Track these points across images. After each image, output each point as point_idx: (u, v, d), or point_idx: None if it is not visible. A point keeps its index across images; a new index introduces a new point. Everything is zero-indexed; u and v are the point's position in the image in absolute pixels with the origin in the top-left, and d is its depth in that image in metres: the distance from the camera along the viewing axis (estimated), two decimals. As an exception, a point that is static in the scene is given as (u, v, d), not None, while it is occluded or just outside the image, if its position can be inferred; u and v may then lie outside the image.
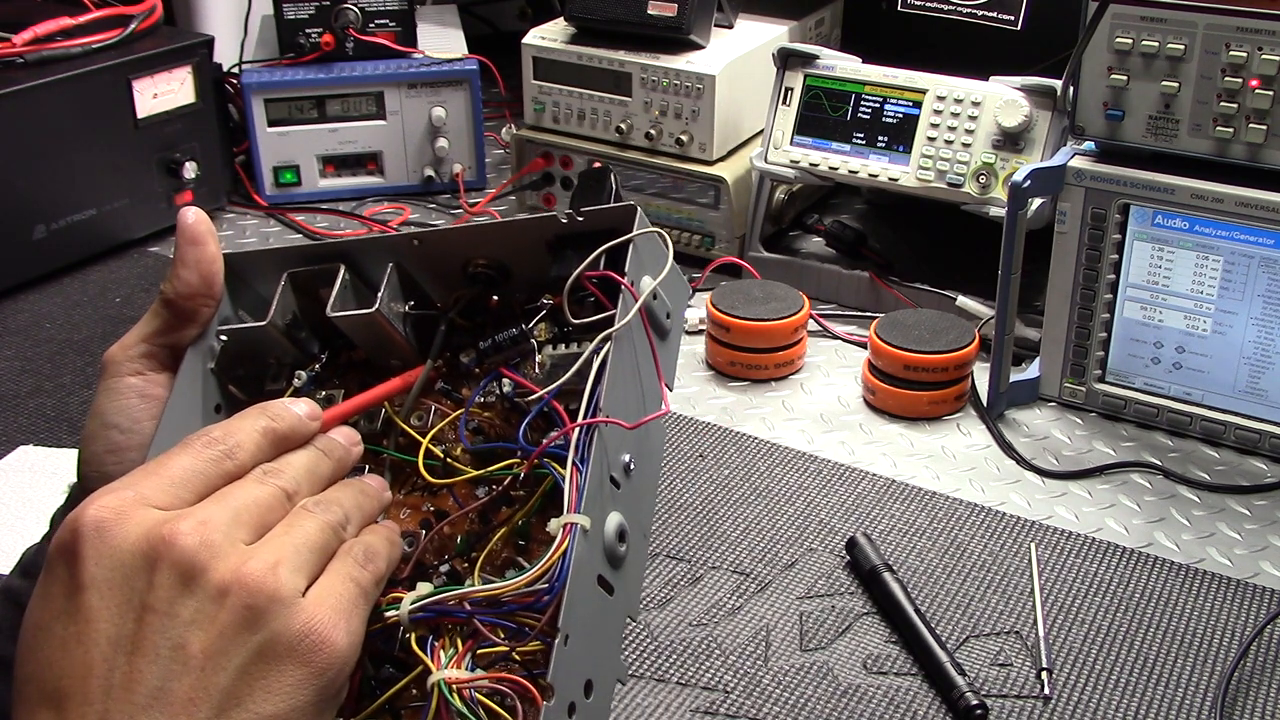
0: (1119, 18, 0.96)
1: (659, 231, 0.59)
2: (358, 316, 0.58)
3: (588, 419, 0.52)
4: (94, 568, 0.44)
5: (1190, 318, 1.00)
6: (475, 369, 0.59)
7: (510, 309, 0.61)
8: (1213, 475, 0.99)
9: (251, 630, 0.44)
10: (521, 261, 0.59)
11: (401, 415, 0.59)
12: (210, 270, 0.58)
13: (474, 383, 0.60)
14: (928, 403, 1.06)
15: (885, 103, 1.18)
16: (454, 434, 0.59)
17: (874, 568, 0.86)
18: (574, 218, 0.57)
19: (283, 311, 0.59)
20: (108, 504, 0.46)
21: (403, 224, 1.42)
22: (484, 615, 0.50)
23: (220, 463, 0.49)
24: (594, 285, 0.56)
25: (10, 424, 1.06)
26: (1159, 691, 0.78)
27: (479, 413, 0.58)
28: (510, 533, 0.55)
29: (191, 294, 0.58)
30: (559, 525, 0.49)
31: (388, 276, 0.59)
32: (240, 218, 1.46)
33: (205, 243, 0.58)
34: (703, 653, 0.81)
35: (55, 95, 1.25)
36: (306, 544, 0.48)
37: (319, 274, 0.60)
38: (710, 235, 1.30)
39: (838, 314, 1.23)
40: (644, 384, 0.57)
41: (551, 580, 0.48)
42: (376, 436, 0.59)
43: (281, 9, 1.44)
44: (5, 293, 1.27)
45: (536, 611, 0.49)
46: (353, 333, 0.60)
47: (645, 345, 0.57)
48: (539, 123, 1.36)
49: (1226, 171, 0.96)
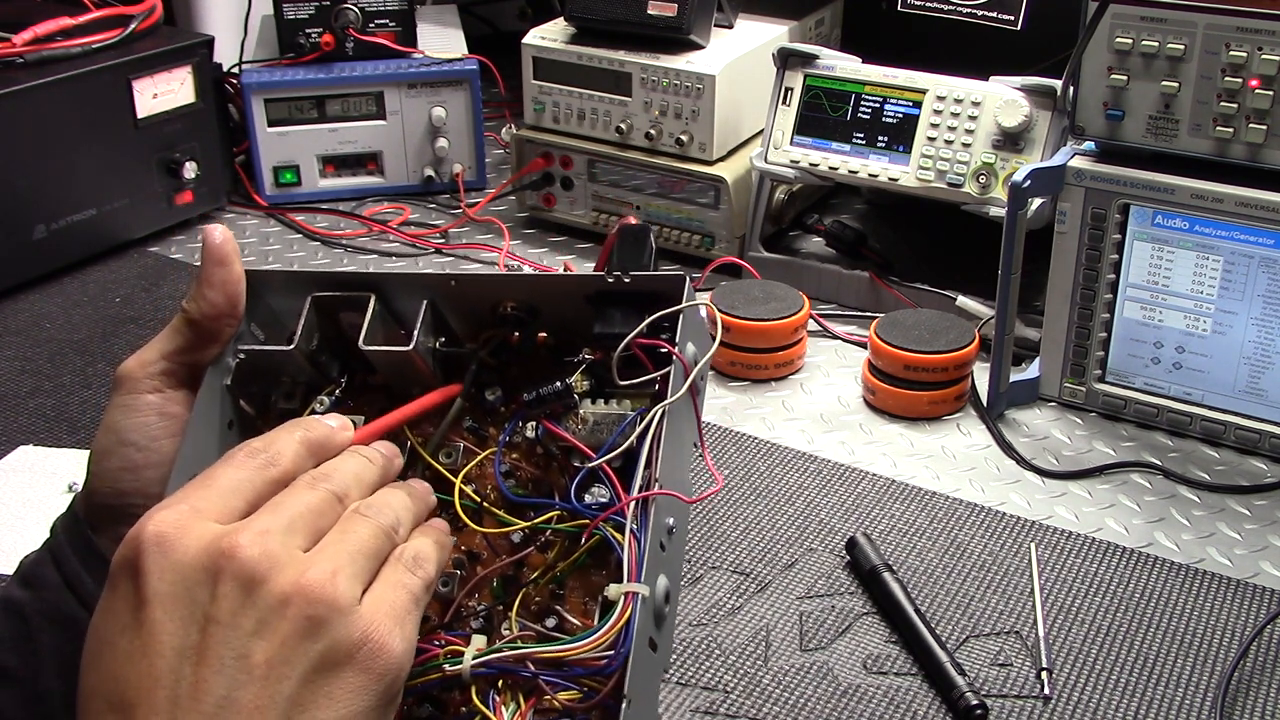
0: (1119, 18, 0.96)
1: (708, 304, 0.60)
2: (392, 353, 0.58)
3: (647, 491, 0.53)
4: (157, 582, 0.45)
5: (1190, 318, 1.00)
6: (501, 408, 0.60)
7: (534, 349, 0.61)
8: (1213, 475, 0.99)
9: (313, 639, 0.45)
10: (553, 305, 0.59)
11: (428, 449, 0.59)
12: (235, 291, 0.58)
13: (497, 420, 0.60)
14: (928, 403, 1.06)
15: (885, 103, 1.18)
16: (479, 472, 0.59)
17: (874, 568, 0.86)
18: (621, 279, 0.57)
19: (308, 336, 0.59)
20: (166, 519, 0.46)
21: (403, 224, 1.42)
22: (547, 675, 0.51)
23: (265, 470, 0.50)
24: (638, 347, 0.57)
25: (10, 424, 1.06)
26: (1159, 691, 0.78)
27: (507, 454, 0.59)
28: (547, 580, 0.56)
29: (217, 314, 0.58)
30: (620, 592, 0.50)
31: (422, 314, 0.59)
32: (240, 218, 1.46)
33: (231, 263, 0.58)
34: (703, 653, 0.81)
35: (55, 95, 1.25)
36: (361, 550, 0.48)
37: (343, 300, 0.60)
38: (710, 235, 1.30)
39: (838, 314, 1.23)
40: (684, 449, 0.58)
41: (616, 647, 0.50)
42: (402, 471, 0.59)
43: (281, 9, 1.44)
44: (5, 293, 1.27)
45: (600, 675, 0.50)
46: (381, 365, 0.60)
47: (691, 416, 0.58)
48: (539, 123, 1.36)
49: (1226, 171, 0.96)
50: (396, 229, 1.41)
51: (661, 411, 0.54)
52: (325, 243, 1.40)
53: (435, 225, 1.43)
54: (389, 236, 1.40)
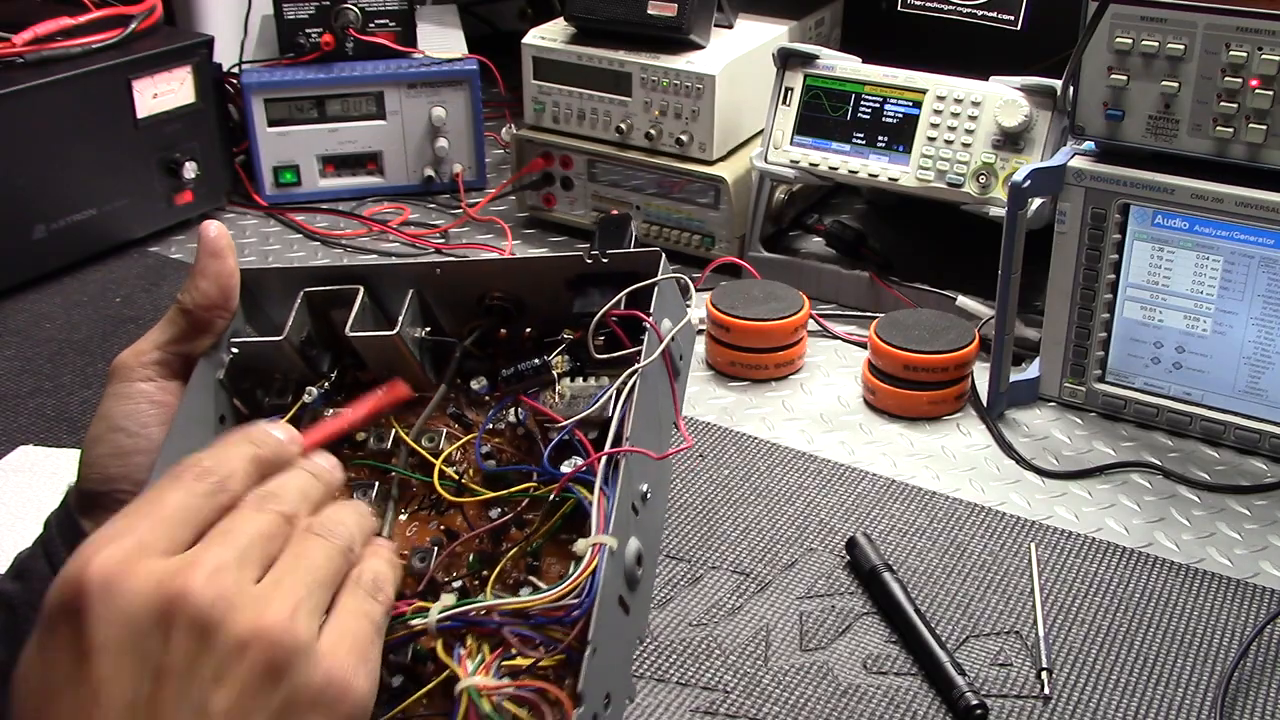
0: (1119, 18, 0.96)
1: (682, 277, 0.61)
2: (377, 339, 0.60)
3: (617, 448, 0.54)
4: (104, 630, 0.42)
5: (1190, 318, 1.00)
6: (486, 397, 0.61)
7: (520, 341, 0.62)
8: (1213, 475, 0.98)
9: (275, 685, 0.43)
10: (537, 296, 0.61)
11: (412, 436, 0.60)
12: (229, 284, 0.59)
13: (482, 409, 0.61)
14: (928, 403, 1.06)
15: (885, 103, 1.18)
16: (462, 456, 0.60)
17: (874, 568, 0.86)
18: (599, 259, 0.59)
19: (297, 328, 0.61)
20: (111, 557, 0.44)
21: (403, 224, 1.42)
22: (512, 627, 0.51)
23: (215, 496, 0.48)
24: (615, 323, 0.58)
25: (10, 424, 1.06)
26: (1159, 691, 0.78)
27: (489, 438, 0.60)
28: (522, 553, 0.56)
29: (209, 305, 0.59)
30: (588, 545, 0.51)
31: (408, 302, 0.60)
32: (240, 218, 1.46)
33: (225, 256, 0.59)
34: (703, 653, 0.81)
35: (55, 95, 1.25)
36: (317, 579, 0.47)
37: (334, 295, 0.61)
38: (710, 235, 1.30)
39: (838, 314, 1.23)
40: (661, 419, 0.59)
41: (581, 596, 0.50)
42: (385, 455, 0.61)
43: (281, 9, 1.44)
44: (5, 293, 1.27)
45: (564, 626, 0.50)
46: (368, 354, 0.61)
47: (665, 383, 0.59)
48: (539, 123, 1.36)
49: (1226, 171, 0.96)
50: (396, 229, 1.41)
51: (633, 376, 0.55)
52: (325, 243, 1.40)
53: (435, 225, 1.43)
54: (389, 236, 1.40)
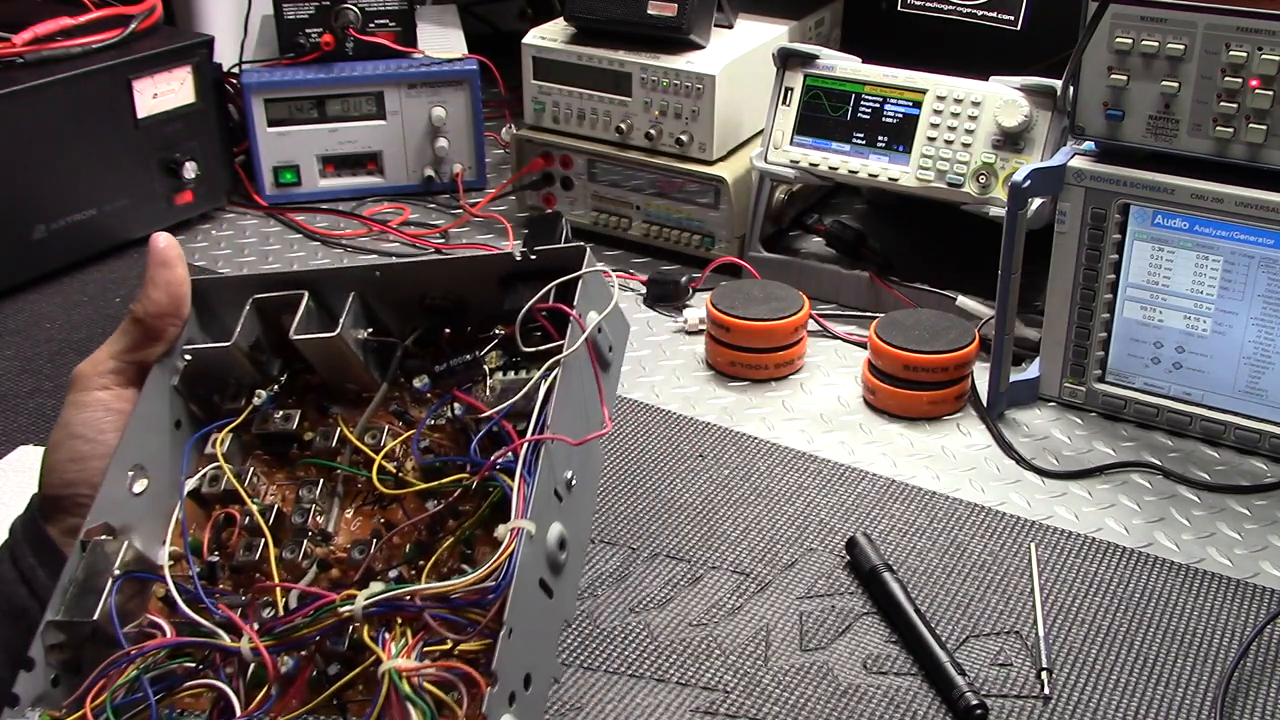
0: (1119, 18, 0.96)
1: (605, 270, 0.63)
2: (319, 340, 0.62)
3: (536, 435, 0.56)
4: None
5: (1190, 318, 1.00)
6: (427, 394, 0.63)
7: (461, 341, 0.64)
8: (1213, 475, 0.99)
9: None
10: (476, 296, 0.63)
11: (355, 433, 0.62)
12: (179, 292, 0.61)
13: (425, 407, 0.63)
14: (928, 403, 1.06)
15: (885, 103, 1.18)
16: (404, 451, 0.62)
17: (874, 568, 0.86)
18: (528, 255, 0.61)
19: (247, 334, 0.63)
20: None
21: (403, 224, 1.42)
22: (434, 611, 0.53)
23: None
24: (544, 318, 0.60)
25: (10, 424, 1.06)
26: (1159, 691, 0.78)
27: (430, 434, 0.62)
28: (457, 542, 0.58)
29: (160, 313, 0.61)
30: (506, 529, 0.53)
31: (349, 304, 0.62)
32: (240, 218, 1.46)
33: (174, 266, 0.61)
34: (703, 653, 0.81)
35: (55, 95, 1.25)
36: None
37: (283, 300, 0.63)
38: (710, 235, 1.30)
39: (838, 314, 1.23)
40: (588, 409, 0.61)
41: (498, 580, 0.52)
42: (330, 453, 0.62)
43: (281, 9, 1.44)
44: (5, 293, 1.27)
45: (483, 609, 0.52)
46: (313, 356, 0.63)
47: (590, 374, 0.61)
48: (539, 123, 1.36)
49: (1226, 171, 0.96)
50: (396, 229, 1.41)
51: (554, 366, 0.57)
52: (325, 243, 1.40)
53: (435, 225, 1.43)
54: (389, 236, 1.41)
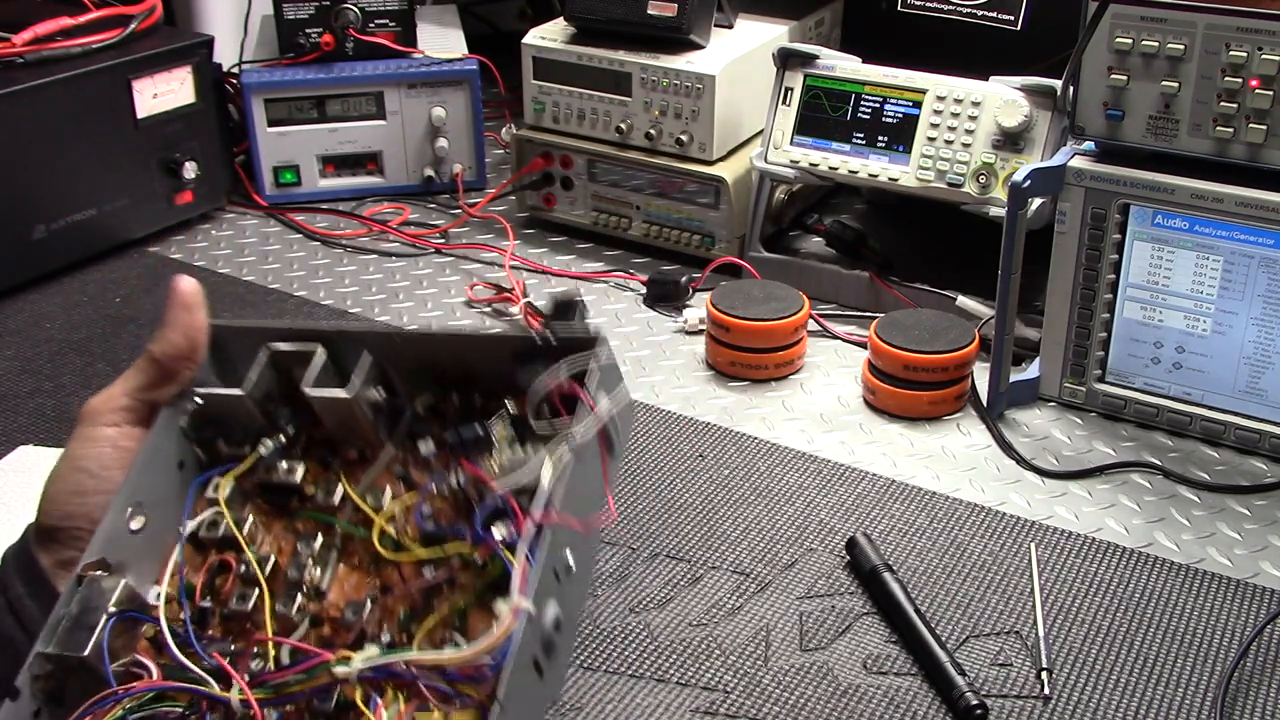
0: (1119, 18, 0.96)
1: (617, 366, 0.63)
2: (332, 398, 0.62)
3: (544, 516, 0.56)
4: None
5: (1190, 318, 1.00)
6: (431, 460, 0.63)
7: (469, 408, 0.64)
8: (1213, 475, 0.98)
9: None
10: (488, 367, 0.63)
11: (358, 491, 0.62)
12: (197, 337, 0.62)
13: (427, 472, 0.63)
14: (928, 403, 1.06)
15: (885, 103, 1.18)
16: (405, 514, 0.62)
17: (874, 568, 0.86)
18: (548, 340, 0.61)
19: (259, 383, 0.63)
20: None
21: (403, 224, 1.42)
22: (429, 681, 0.53)
23: None
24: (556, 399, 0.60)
25: (10, 424, 1.06)
26: (1159, 691, 0.78)
27: (431, 499, 0.62)
28: (450, 611, 0.58)
29: (177, 355, 0.62)
30: (507, 607, 0.53)
31: (362, 365, 0.62)
32: (240, 218, 1.46)
33: (195, 311, 0.62)
34: (703, 653, 0.81)
35: (55, 95, 1.25)
36: None
37: (297, 353, 0.63)
38: (710, 235, 1.30)
39: (838, 314, 1.23)
40: (592, 491, 0.61)
41: (495, 657, 0.52)
42: (331, 510, 0.62)
43: (281, 9, 1.44)
44: (5, 293, 1.27)
45: (476, 684, 0.53)
46: (323, 411, 0.63)
47: (597, 459, 0.61)
48: (539, 123, 1.36)
49: (1226, 171, 0.96)
50: (396, 229, 1.41)
51: (564, 449, 0.57)
52: (325, 243, 1.40)
53: (435, 225, 1.43)
54: (389, 236, 1.40)
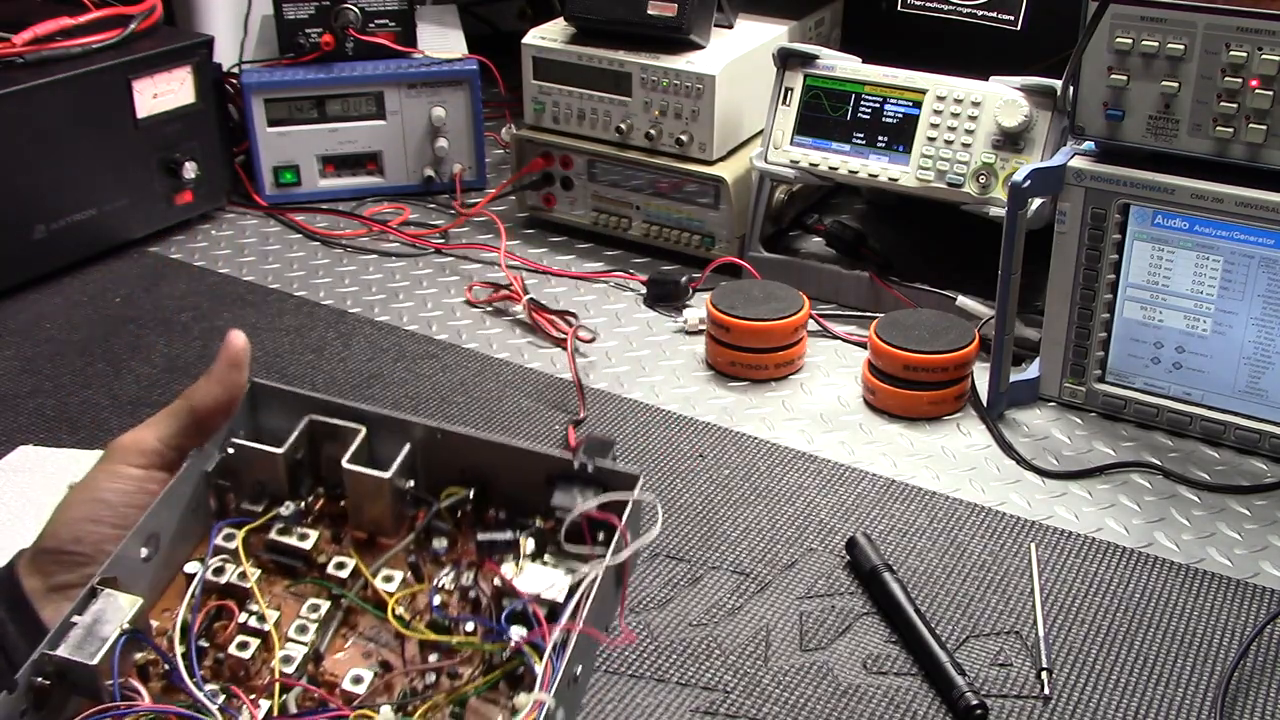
0: (1119, 18, 0.96)
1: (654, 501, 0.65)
2: (370, 477, 0.63)
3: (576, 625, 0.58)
4: None
5: (1190, 318, 1.00)
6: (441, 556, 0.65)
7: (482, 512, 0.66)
8: (1213, 475, 0.98)
9: None
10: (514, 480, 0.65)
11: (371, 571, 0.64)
12: (237, 394, 0.64)
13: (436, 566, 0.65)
14: (928, 403, 1.06)
15: (885, 103, 1.18)
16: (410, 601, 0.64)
17: (874, 568, 0.86)
18: (585, 469, 0.64)
19: (296, 447, 0.64)
20: None
21: (402, 224, 1.42)
22: None
23: None
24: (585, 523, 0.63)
25: (10, 424, 1.06)
26: (1159, 691, 0.78)
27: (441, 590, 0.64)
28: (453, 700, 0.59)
29: (216, 410, 0.63)
30: (529, 700, 0.54)
31: (404, 453, 0.64)
32: (240, 218, 1.46)
33: (241, 370, 0.64)
34: (703, 653, 0.81)
35: (55, 95, 1.25)
36: None
37: (334, 429, 0.65)
38: (710, 235, 1.30)
39: (838, 314, 1.23)
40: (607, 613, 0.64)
41: None
42: (340, 582, 0.64)
43: (281, 9, 1.44)
44: (5, 293, 1.27)
45: None
46: (355, 486, 0.64)
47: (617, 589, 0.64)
48: (539, 123, 1.36)
49: (1226, 171, 0.96)
50: (396, 229, 1.41)
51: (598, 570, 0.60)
52: (325, 243, 1.40)
53: (435, 225, 1.43)
54: (389, 236, 1.40)
